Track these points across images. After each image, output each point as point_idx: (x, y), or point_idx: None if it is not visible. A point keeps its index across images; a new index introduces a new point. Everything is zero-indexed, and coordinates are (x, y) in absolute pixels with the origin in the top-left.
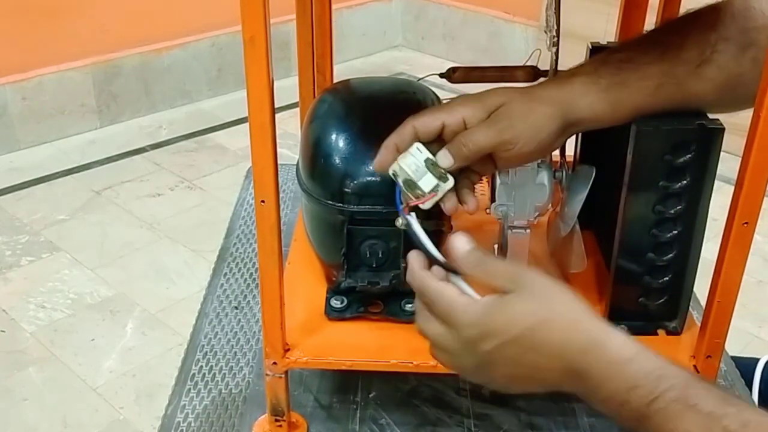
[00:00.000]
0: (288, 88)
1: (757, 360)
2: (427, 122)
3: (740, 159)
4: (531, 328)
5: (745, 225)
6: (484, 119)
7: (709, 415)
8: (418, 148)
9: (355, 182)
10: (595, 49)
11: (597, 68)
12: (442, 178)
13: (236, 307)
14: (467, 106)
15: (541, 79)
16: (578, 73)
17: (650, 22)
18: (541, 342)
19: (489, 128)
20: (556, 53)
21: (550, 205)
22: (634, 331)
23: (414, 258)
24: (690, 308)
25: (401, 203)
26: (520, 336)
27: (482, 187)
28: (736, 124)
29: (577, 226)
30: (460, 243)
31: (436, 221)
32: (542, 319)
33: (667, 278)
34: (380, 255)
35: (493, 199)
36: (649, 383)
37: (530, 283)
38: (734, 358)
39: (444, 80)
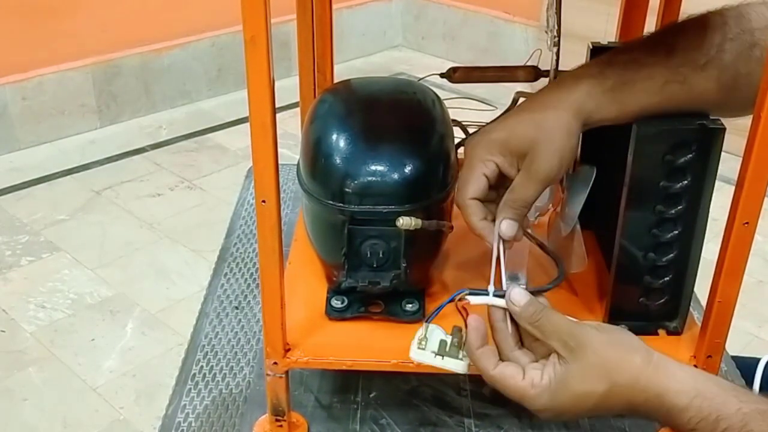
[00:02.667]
0: (288, 88)
1: (757, 360)
2: (479, 187)
3: (741, 159)
4: (597, 402)
5: (746, 225)
6: (515, 160)
7: None
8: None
9: (356, 182)
10: (596, 49)
11: (602, 70)
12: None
13: (237, 307)
14: (496, 156)
15: (542, 80)
16: (583, 75)
17: (650, 23)
18: (609, 408)
19: (528, 179)
20: (557, 53)
21: (550, 205)
22: (635, 331)
23: (477, 301)
24: (690, 308)
25: None
26: (590, 408)
27: None
28: (736, 124)
29: (578, 226)
30: (518, 295)
31: (437, 222)
32: (604, 391)
33: (667, 278)
34: (381, 255)
35: None
36: (708, 425)
37: (586, 352)
38: (734, 358)
39: (444, 80)
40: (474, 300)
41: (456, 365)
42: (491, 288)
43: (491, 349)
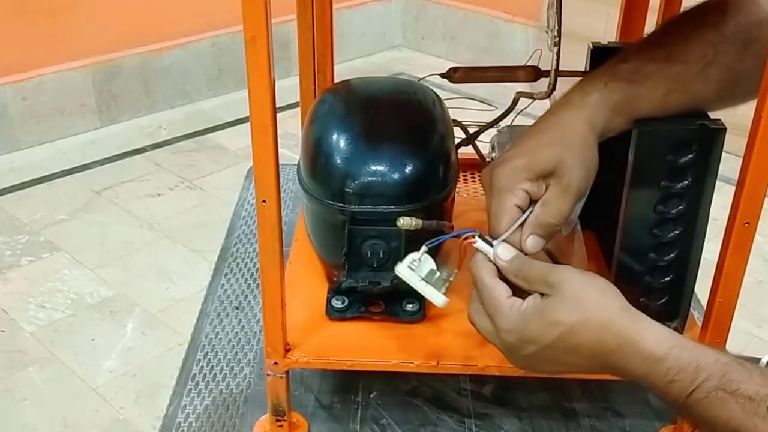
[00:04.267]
0: (288, 88)
1: (758, 360)
2: (512, 218)
3: (741, 159)
4: (565, 333)
5: (746, 225)
6: (542, 184)
7: (750, 399)
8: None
9: (356, 182)
10: (596, 50)
11: (607, 83)
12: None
13: (237, 307)
14: (523, 183)
15: (543, 80)
16: (590, 90)
17: (650, 23)
18: (576, 345)
19: (561, 192)
20: (557, 53)
21: None
22: None
23: (482, 247)
24: (691, 308)
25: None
26: (556, 341)
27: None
28: (737, 124)
29: (578, 226)
30: (502, 251)
31: (438, 222)
32: (575, 323)
33: (668, 278)
34: (381, 255)
35: None
36: (687, 376)
37: (564, 286)
38: None
39: (444, 80)
40: (480, 245)
41: (436, 297)
42: (499, 240)
43: (494, 268)
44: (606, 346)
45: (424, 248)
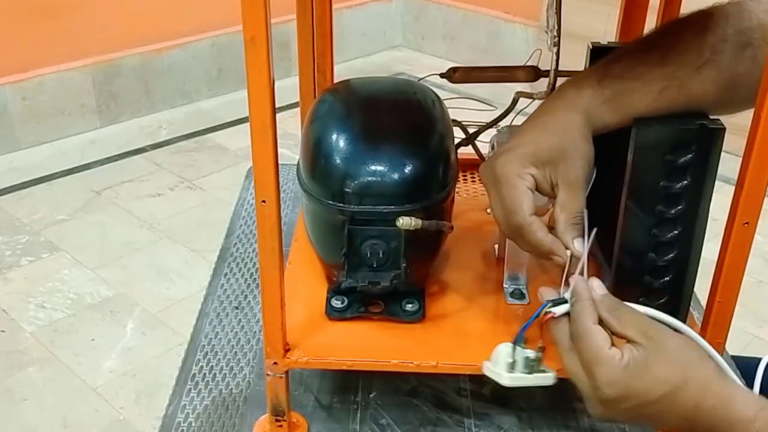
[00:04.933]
0: (288, 88)
1: (758, 360)
2: (531, 202)
3: (741, 159)
4: (669, 393)
5: (746, 225)
6: (547, 172)
7: None
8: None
9: (356, 182)
10: (596, 50)
11: (600, 80)
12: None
13: (237, 307)
14: (531, 169)
15: (543, 80)
16: (584, 85)
17: (650, 23)
18: (676, 406)
19: (572, 189)
20: (557, 53)
21: (550, 205)
22: None
23: (583, 285)
24: (690, 308)
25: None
26: (658, 401)
27: (482, 187)
28: (736, 124)
29: None
30: (597, 286)
31: (437, 222)
32: (678, 385)
33: (667, 278)
34: (381, 255)
35: None
36: None
37: (666, 342)
38: (735, 358)
39: (444, 80)
40: (559, 310)
41: (547, 379)
42: (568, 295)
43: (595, 313)
44: (702, 406)
45: (512, 346)
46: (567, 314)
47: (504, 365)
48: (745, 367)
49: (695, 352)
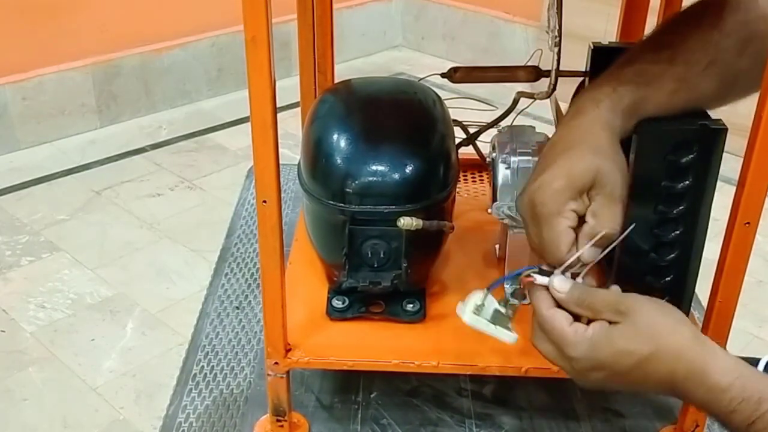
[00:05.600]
0: (289, 87)
1: (757, 360)
2: (570, 241)
3: (742, 159)
4: (637, 363)
5: (747, 225)
6: (586, 198)
7: None
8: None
9: (357, 182)
10: (596, 50)
11: (615, 88)
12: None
13: (237, 307)
14: (570, 203)
15: (543, 80)
16: (600, 97)
17: (650, 23)
18: (648, 374)
19: (609, 201)
20: (558, 53)
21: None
22: None
23: (542, 281)
24: (691, 308)
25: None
26: (629, 369)
27: (483, 187)
28: (737, 124)
29: None
30: (559, 284)
31: (438, 222)
32: (648, 353)
33: (668, 278)
34: (382, 255)
35: (494, 199)
36: (749, 407)
37: (636, 315)
38: None
39: (445, 80)
40: (540, 279)
41: (507, 336)
42: (557, 271)
43: (551, 297)
44: (676, 374)
45: (485, 291)
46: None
47: (471, 306)
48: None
49: (669, 319)
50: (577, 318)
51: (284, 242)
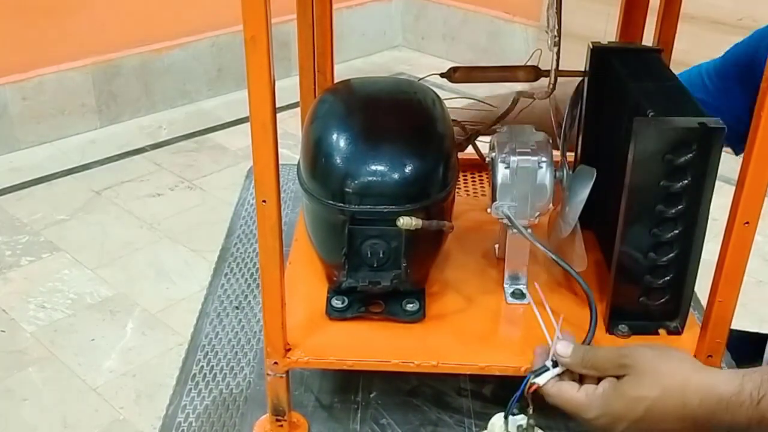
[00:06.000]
0: (288, 88)
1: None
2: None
3: (741, 159)
4: (651, 407)
5: (746, 225)
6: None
7: None
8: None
9: (356, 182)
10: (596, 50)
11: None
12: None
13: (237, 307)
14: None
15: (542, 80)
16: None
17: (650, 23)
18: (665, 413)
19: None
20: (557, 53)
21: (551, 205)
22: (635, 330)
23: (545, 379)
24: (691, 308)
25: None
26: (644, 415)
27: (482, 187)
28: None
29: (578, 226)
30: (562, 348)
31: (438, 222)
32: (657, 396)
33: (668, 278)
34: (381, 255)
35: (493, 199)
36: (755, 391)
37: (638, 363)
38: (745, 333)
39: (444, 80)
40: (542, 380)
41: None
42: (549, 363)
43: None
44: (690, 405)
45: (503, 417)
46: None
47: None
48: (759, 340)
49: (669, 360)
50: (586, 382)
51: (284, 242)
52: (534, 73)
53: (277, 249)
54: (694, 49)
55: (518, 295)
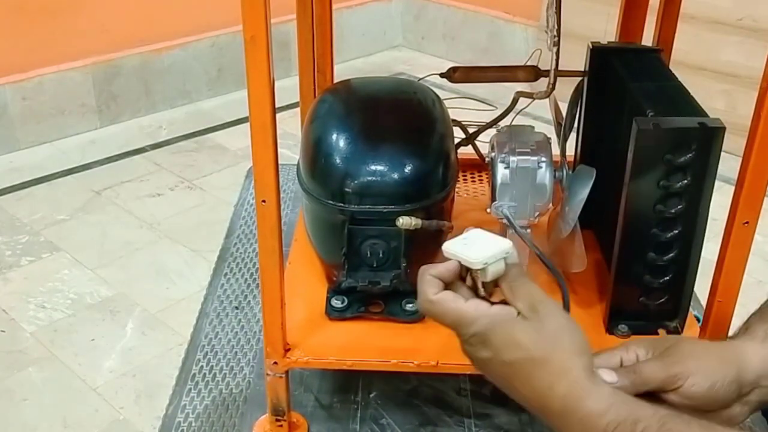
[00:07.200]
0: (288, 88)
1: None
2: (607, 360)
3: (740, 159)
4: (525, 360)
5: (746, 225)
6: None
7: None
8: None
9: (356, 182)
10: (595, 50)
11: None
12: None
13: (237, 307)
14: (641, 346)
15: (542, 80)
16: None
17: (650, 22)
18: (532, 379)
19: (658, 361)
20: (557, 53)
21: (550, 204)
22: (635, 330)
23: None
24: (691, 308)
25: None
26: (512, 362)
27: (482, 187)
28: (736, 124)
29: (578, 226)
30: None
31: (437, 221)
32: (539, 357)
33: (667, 278)
34: (381, 255)
35: (493, 199)
36: (625, 428)
37: (547, 319)
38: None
39: (444, 80)
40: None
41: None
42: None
43: (439, 282)
44: (555, 390)
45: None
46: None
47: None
48: None
49: (574, 342)
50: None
51: (283, 242)
52: (534, 73)
53: (277, 249)
54: (694, 49)
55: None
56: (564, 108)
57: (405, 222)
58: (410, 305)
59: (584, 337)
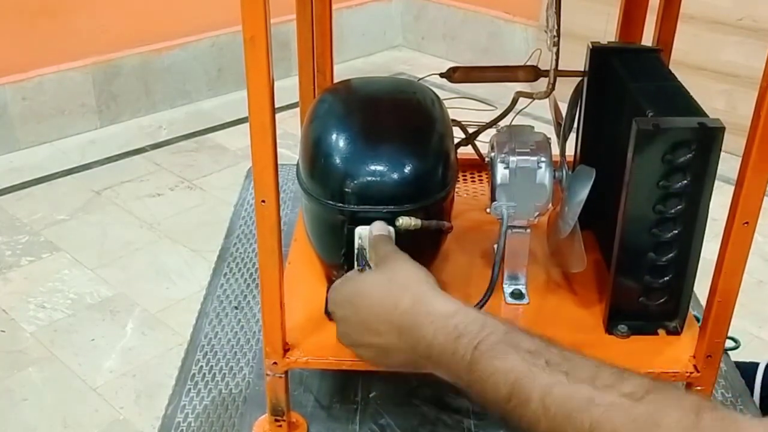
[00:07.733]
0: (288, 88)
1: (756, 365)
2: None
3: (740, 159)
4: (369, 292)
5: (746, 225)
6: None
7: (531, 352)
8: None
9: (356, 182)
10: (595, 50)
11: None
12: None
13: (236, 307)
14: None
15: (542, 80)
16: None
17: (650, 22)
18: (376, 303)
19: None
20: (557, 53)
21: (550, 204)
22: (635, 330)
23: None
24: (690, 308)
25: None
26: (362, 308)
27: (482, 187)
28: (736, 123)
29: (578, 226)
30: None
31: (437, 222)
32: (378, 284)
33: (667, 278)
34: None
35: (493, 199)
36: (474, 330)
37: (386, 264)
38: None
39: (444, 80)
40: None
41: None
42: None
43: None
44: (402, 303)
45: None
46: None
47: None
48: (744, 371)
49: (409, 268)
50: None
51: (283, 242)
52: (534, 73)
53: (277, 249)
54: (694, 49)
55: (517, 295)
56: (564, 108)
57: (404, 222)
58: None
59: (431, 277)
